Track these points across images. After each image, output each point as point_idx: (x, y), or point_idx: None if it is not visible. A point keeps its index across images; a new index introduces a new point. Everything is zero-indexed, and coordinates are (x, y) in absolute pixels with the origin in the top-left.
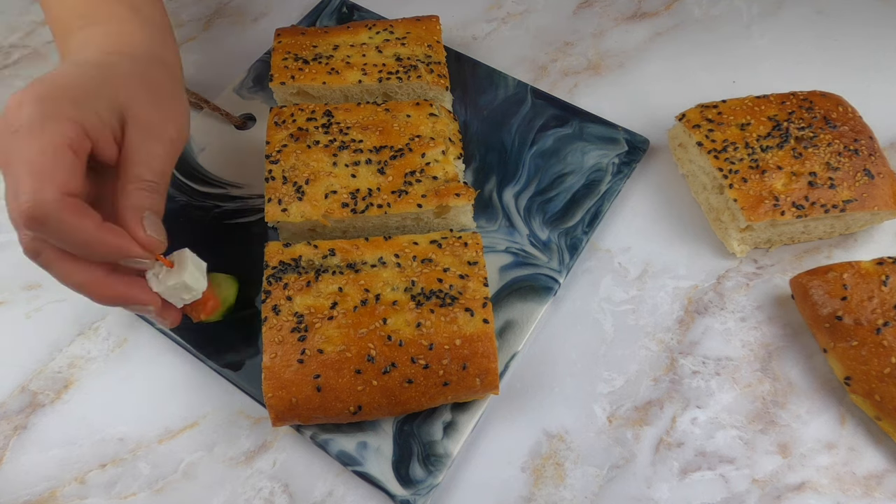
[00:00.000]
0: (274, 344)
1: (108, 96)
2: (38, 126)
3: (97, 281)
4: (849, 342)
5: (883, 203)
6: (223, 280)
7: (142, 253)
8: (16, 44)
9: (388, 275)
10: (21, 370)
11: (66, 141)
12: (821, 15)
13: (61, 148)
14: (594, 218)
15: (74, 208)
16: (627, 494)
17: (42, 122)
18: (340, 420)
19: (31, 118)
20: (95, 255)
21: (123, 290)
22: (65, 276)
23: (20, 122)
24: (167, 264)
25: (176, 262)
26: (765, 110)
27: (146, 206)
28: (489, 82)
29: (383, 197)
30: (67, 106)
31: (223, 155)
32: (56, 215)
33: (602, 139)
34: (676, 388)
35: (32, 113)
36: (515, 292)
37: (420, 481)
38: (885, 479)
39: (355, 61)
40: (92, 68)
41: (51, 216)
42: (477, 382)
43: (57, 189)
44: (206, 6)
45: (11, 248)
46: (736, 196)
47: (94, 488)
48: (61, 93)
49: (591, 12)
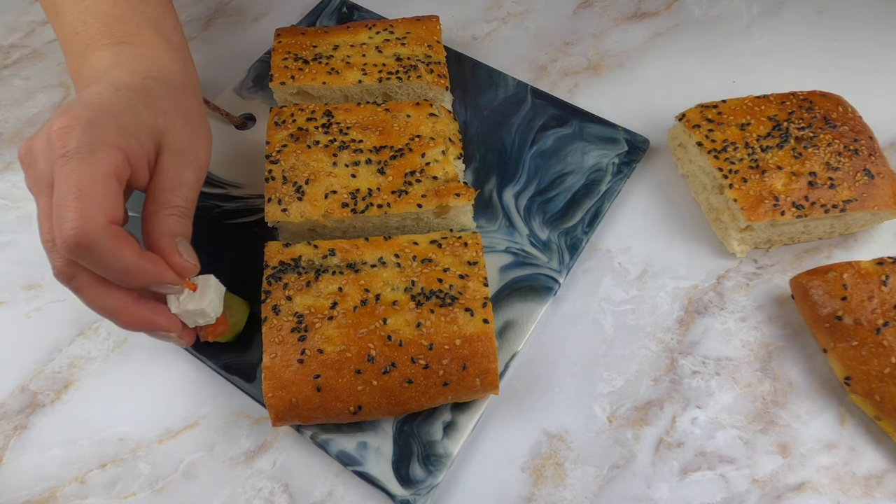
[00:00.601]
0: (274, 344)
1: (148, 124)
2: (87, 152)
3: (125, 307)
4: (849, 342)
5: (883, 203)
6: (236, 303)
7: (176, 280)
8: (16, 44)
9: (388, 275)
10: (21, 370)
11: (113, 169)
12: (821, 15)
13: (110, 176)
14: (594, 218)
15: (118, 236)
16: (627, 494)
17: (91, 148)
18: (340, 420)
19: (80, 144)
20: (131, 283)
21: (150, 317)
22: (95, 300)
23: (69, 147)
24: (191, 288)
25: (200, 287)
26: (765, 110)
27: (179, 232)
28: (489, 82)
29: (383, 197)
30: (114, 133)
31: (223, 155)
32: (101, 243)
33: (602, 139)
34: (676, 388)
35: (82, 139)
36: (515, 292)
37: (420, 481)
38: (885, 479)
39: (355, 61)
40: (132, 93)
41: (97, 243)
42: (477, 382)
43: (104, 217)
44: (206, 6)
45: (11, 248)
46: (736, 196)
47: (94, 488)
48: (108, 119)
49: (591, 12)
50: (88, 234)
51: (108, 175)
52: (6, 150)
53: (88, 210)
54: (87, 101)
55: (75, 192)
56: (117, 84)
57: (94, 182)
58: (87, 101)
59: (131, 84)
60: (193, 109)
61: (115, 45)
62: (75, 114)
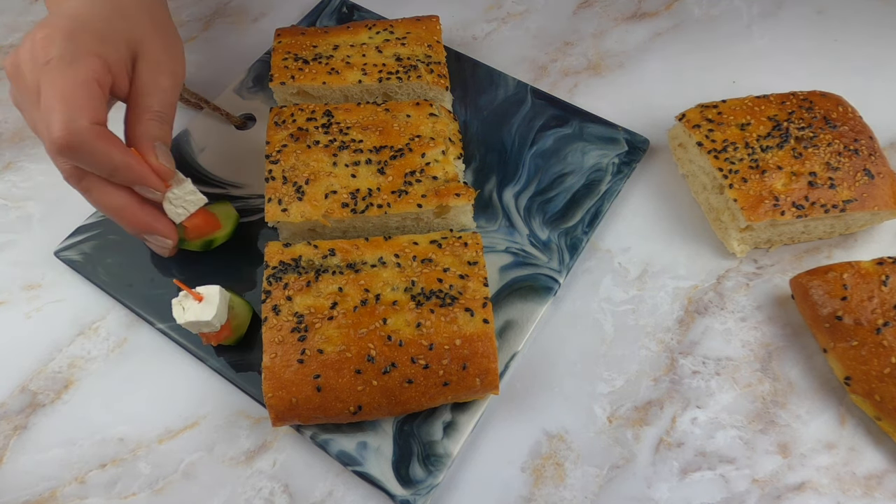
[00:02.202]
0: (274, 344)
1: (125, 33)
2: (69, 60)
3: (129, 207)
4: (849, 342)
5: (883, 203)
6: (238, 305)
7: (158, 183)
8: (16, 44)
9: (388, 275)
10: (21, 370)
11: (94, 75)
12: (821, 15)
13: (91, 82)
14: (594, 218)
15: (104, 135)
16: (627, 494)
17: (72, 56)
18: (340, 420)
19: (61, 52)
20: (120, 178)
21: (150, 221)
22: (101, 199)
23: (50, 55)
24: (197, 298)
25: (206, 297)
26: (765, 110)
27: (157, 136)
28: (489, 82)
29: (383, 197)
30: (93, 42)
31: (223, 155)
32: (89, 142)
33: (602, 139)
34: (676, 388)
35: (63, 47)
36: (515, 292)
37: (420, 481)
38: (885, 479)
39: (355, 61)
40: (108, 6)
41: (84, 143)
42: (477, 382)
43: (88, 119)
44: (206, 6)
45: (11, 248)
46: (736, 196)
47: (94, 488)
48: (87, 29)
49: (591, 12)
50: (76, 134)
51: (89, 80)
52: (6, 150)
53: (73, 112)
54: (65, 12)
55: (59, 96)
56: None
57: (76, 87)
58: (65, 13)
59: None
60: (165, 19)
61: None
62: (55, 23)
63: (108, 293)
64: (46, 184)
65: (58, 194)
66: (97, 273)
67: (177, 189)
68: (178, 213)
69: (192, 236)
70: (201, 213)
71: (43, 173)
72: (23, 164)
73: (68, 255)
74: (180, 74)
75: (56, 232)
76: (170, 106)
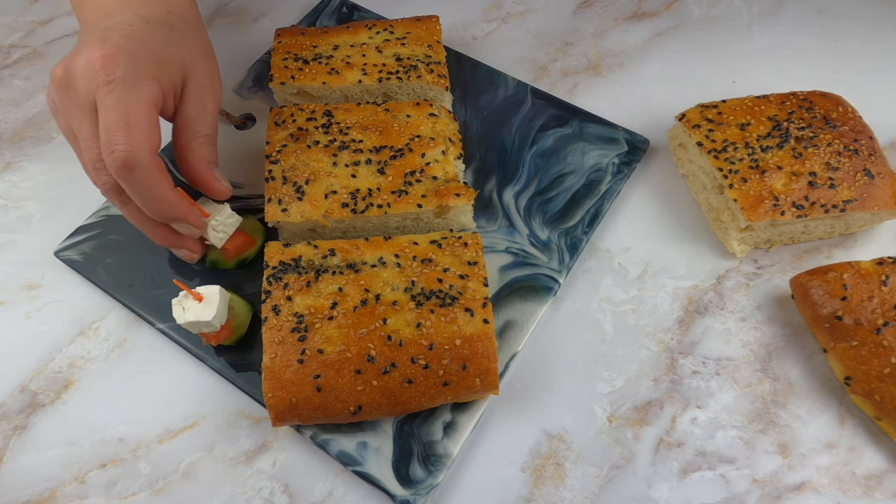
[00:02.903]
0: (274, 344)
1: (178, 58)
2: (130, 82)
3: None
4: (849, 342)
5: (883, 203)
6: (238, 305)
7: (197, 220)
8: (16, 44)
9: (388, 275)
10: (21, 370)
11: (153, 100)
12: (821, 15)
13: (151, 107)
14: (594, 218)
15: (160, 166)
16: (627, 494)
17: (134, 79)
18: (340, 420)
19: (124, 75)
20: (160, 211)
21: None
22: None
23: (115, 76)
24: (197, 298)
25: (206, 297)
26: (765, 110)
27: (211, 160)
28: (489, 82)
29: (383, 197)
30: (152, 66)
31: (223, 155)
32: (146, 168)
33: (602, 139)
34: (676, 388)
35: (126, 69)
36: (515, 292)
37: (420, 481)
38: (885, 479)
39: (355, 61)
40: (161, 28)
41: (142, 168)
42: (477, 382)
43: (149, 145)
44: (206, 6)
45: (11, 248)
46: (736, 196)
47: (94, 488)
48: (146, 51)
49: (591, 12)
50: (137, 158)
51: (150, 105)
52: (6, 151)
53: (136, 139)
54: (123, 31)
55: (123, 119)
56: (145, 16)
57: (139, 111)
58: (122, 32)
59: (157, 18)
60: (207, 44)
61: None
62: (116, 42)
63: (108, 293)
64: (46, 184)
65: (58, 194)
66: (97, 273)
67: (218, 216)
68: (220, 238)
69: (231, 256)
70: (238, 234)
71: (43, 173)
72: (23, 164)
73: (68, 255)
74: (220, 97)
75: (56, 232)
76: (216, 129)
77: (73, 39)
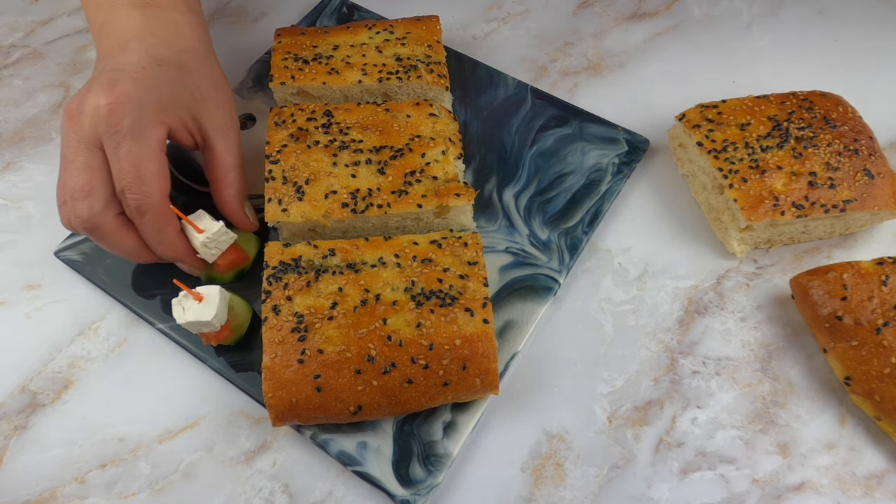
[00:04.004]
0: (274, 344)
1: (186, 98)
2: (139, 132)
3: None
4: (849, 342)
5: (883, 203)
6: (238, 305)
7: (195, 262)
8: (16, 44)
9: (388, 275)
10: (21, 370)
11: (160, 145)
12: (821, 15)
13: (158, 152)
14: (594, 218)
15: (168, 213)
16: (627, 494)
17: (141, 128)
18: (340, 420)
19: (132, 123)
20: (163, 253)
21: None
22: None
23: (122, 126)
24: (197, 298)
25: (206, 297)
26: (765, 110)
27: (244, 194)
28: (489, 82)
29: (383, 197)
30: (159, 110)
31: None
32: (156, 214)
33: (602, 139)
34: (676, 388)
35: (133, 119)
36: (515, 292)
37: (420, 481)
38: (885, 479)
39: (355, 61)
40: (172, 69)
41: (153, 213)
42: (477, 382)
43: (160, 190)
44: (206, 6)
45: (11, 248)
46: (736, 196)
47: (94, 488)
48: (154, 97)
49: (591, 12)
50: (148, 206)
51: (157, 151)
52: (6, 151)
53: (147, 188)
54: (134, 75)
55: (135, 171)
56: (158, 57)
57: (147, 160)
58: (133, 76)
59: (170, 59)
60: (218, 75)
61: (143, 6)
62: (125, 90)
63: (108, 293)
64: (46, 184)
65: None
66: (97, 273)
67: (210, 233)
68: (212, 254)
69: (223, 271)
70: (231, 249)
71: (43, 173)
72: (23, 164)
73: (68, 255)
74: (238, 124)
75: (56, 232)
76: (241, 155)
77: (74, 39)
